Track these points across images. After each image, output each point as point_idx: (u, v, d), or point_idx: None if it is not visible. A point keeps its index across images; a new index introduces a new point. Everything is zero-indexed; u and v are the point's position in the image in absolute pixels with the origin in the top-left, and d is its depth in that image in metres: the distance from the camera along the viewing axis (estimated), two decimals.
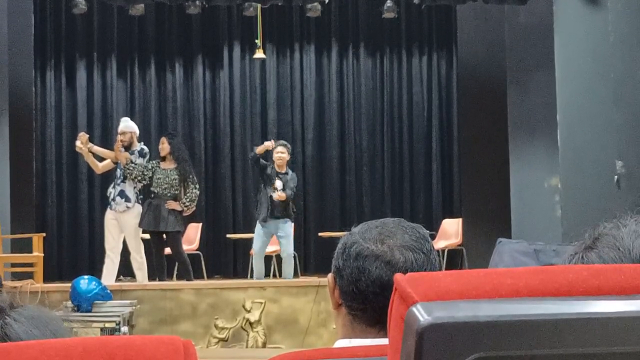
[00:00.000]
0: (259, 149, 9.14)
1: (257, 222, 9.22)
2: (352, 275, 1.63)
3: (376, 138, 12.64)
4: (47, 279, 8.89)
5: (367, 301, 1.62)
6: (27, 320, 1.05)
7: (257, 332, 7.66)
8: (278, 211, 9.05)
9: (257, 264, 9.25)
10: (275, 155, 9.11)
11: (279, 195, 8.96)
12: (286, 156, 9.16)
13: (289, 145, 9.40)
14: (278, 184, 9.01)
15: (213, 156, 12.47)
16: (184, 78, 12.53)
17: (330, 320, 7.48)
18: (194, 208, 9.07)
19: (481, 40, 10.45)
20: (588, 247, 1.22)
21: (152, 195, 8.76)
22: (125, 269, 9.67)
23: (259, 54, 11.13)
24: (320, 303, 7.69)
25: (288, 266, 9.23)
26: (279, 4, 10.00)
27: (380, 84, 12.71)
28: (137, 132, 9.07)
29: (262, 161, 9.14)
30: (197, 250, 11.05)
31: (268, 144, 9.22)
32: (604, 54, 6.65)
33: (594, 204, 6.53)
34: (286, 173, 9.17)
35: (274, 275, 10.61)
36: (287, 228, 9.16)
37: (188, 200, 8.83)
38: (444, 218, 11.75)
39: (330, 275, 1.70)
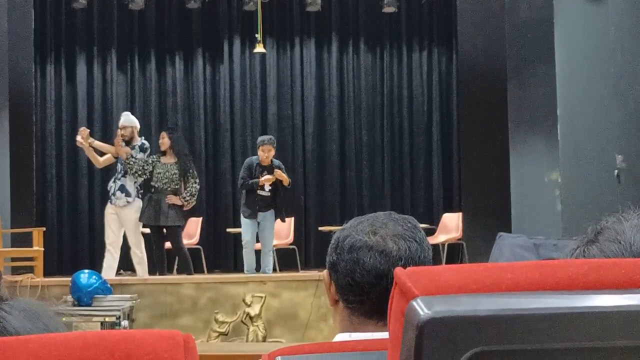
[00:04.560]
0: (262, 180, 9.04)
1: (242, 217, 9.25)
2: (347, 268, 1.64)
3: (376, 132, 12.63)
4: (47, 273, 8.89)
5: (363, 292, 1.63)
6: (19, 313, 1.05)
7: (257, 326, 7.66)
8: (265, 206, 9.09)
9: (249, 256, 9.26)
10: (263, 155, 9.02)
11: (282, 177, 8.96)
12: (273, 152, 9.09)
13: (273, 140, 9.30)
14: (267, 178, 9.00)
15: (213, 150, 12.47)
16: (184, 72, 12.53)
17: (330, 314, 7.48)
18: (194, 202, 9.07)
19: (481, 34, 10.44)
20: (590, 240, 1.22)
21: (153, 190, 8.76)
22: (126, 264, 9.68)
23: (259, 49, 11.12)
24: (320, 297, 7.69)
25: (267, 260, 9.24)
26: None
27: (381, 79, 12.70)
28: (138, 126, 9.07)
29: (250, 183, 9.09)
30: (197, 244, 11.06)
31: (270, 178, 9.06)
32: (605, 48, 6.64)
33: (594, 199, 6.53)
34: (271, 165, 9.11)
35: (274, 270, 10.61)
36: (271, 218, 9.16)
37: (188, 194, 8.84)
38: (444, 212, 11.75)
39: (325, 272, 1.71)
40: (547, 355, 0.83)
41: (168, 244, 9.01)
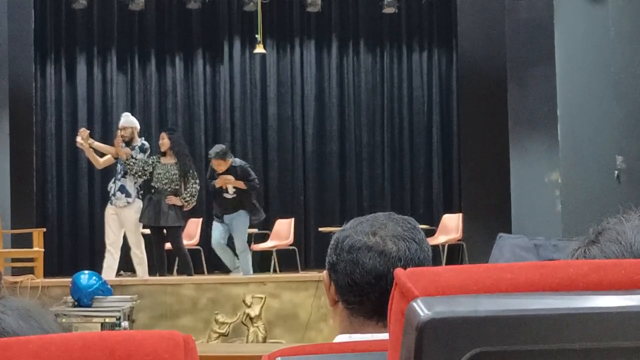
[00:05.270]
0: (217, 183, 9.02)
1: (214, 218, 9.29)
2: (346, 268, 1.64)
3: (376, 133, 12.64)
4: (47, 274, 8.88)
5: (363, 293, 1.63)
6: (12, 312, 1.04)
7: (257, 327, 7.66)
8: (231, 208, 9.06)
9: (221, 255, 9.32)
10: (216, 168, 9.01)
11: (233, 184, 8.94)
12: (224, 164, 8.98)
13: (224, 152, 9.09)
14: (217, 181, 8.97)
15: None
16: (184, 73, 12.53)
17: (330, 315, 7.47)
18: (194, 203, 9.07)
19: (481, 35, 10.44)
20: (591, 241, 1.22)
21: (153, 191, 8.76)
22: (126, 264, 9.68)
23: (259, 49, 11.12)
24: (320, 298, 7.69)
25: (242, 261, 9.19)
26: None
27: (381, 79, 12.71)
28: (138, 127, 9.07)
29: (214, 185, 9.10)
30: (197, 245, 11.05)
31: (219, 182, 9.02)
32: (605, 48, 6.64)
33: (594, 199, 6.53)
34: (228, 171, 9.03)
35: (274, 270, 10.61)
36: (239, 219, 9.12)
37: (188, 195, 8.83)
38: (444, 213, 11.75)
39: (324, 272, 1.71)
40: (548, 356, 0.83)
41: (168, 245, 9.01)
